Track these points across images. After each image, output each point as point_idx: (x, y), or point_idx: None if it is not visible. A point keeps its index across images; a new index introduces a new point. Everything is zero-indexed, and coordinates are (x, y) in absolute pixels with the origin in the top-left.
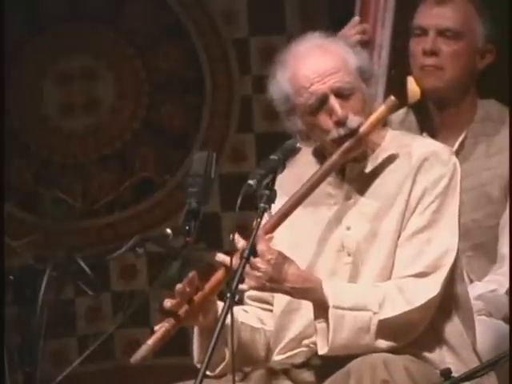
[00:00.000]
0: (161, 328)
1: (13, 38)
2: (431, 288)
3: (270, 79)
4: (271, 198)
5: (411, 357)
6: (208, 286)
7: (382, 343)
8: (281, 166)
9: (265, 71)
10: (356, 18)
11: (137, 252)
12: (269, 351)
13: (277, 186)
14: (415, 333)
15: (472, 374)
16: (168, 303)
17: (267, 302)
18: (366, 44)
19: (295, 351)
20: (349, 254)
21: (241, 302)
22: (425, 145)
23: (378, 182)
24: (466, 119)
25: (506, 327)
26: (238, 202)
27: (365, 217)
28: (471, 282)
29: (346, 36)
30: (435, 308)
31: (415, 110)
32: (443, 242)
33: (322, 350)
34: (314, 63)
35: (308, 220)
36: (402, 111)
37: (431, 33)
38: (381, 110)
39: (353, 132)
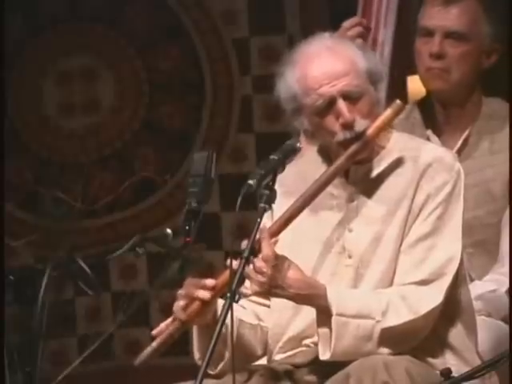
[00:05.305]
0: (164, 329)
1: (13, 38)
2: (434, 297)
3: (278, 77)
4: (271, 198)
5: (412, 358)
6: (216, 288)
7: (384, 351)
8: (281, 166)
9: (265, 71)
10: (354, 19)
11: (137, 252)
12: (266, 349)
13: (280, 183)
14: (417, 340)
15: (472, 374)
16: (179, 311)
17: (265, 297)
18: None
19: (295, 351)
20: (349, 257)
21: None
22: (430, 150)
23: (382, 185)
24: (471, 117)
25: (506, 327)
26: (238, 202)
27: (367, 220)
28: (471, 279)
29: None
30: (438, 315)
31: (420, 107)
32: (446, 250)
33: (324, 356)
34: (324, 65)
35: (310, 221)
36: (406, 108)
37: (437, 35)
38: (387, 113)
39: (359, 135)
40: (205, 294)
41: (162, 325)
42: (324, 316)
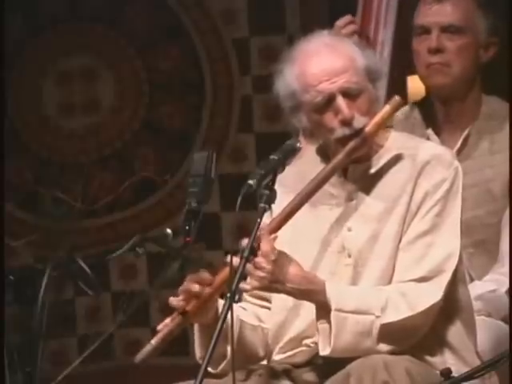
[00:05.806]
0: (164, 327)
1: (13, 38)
2: (434, 293)
3: (277, 75)
4: (271, 198)
5: (411, 358)
6: (215, 284)
7: (384, 347)
8: (281, 166)
9: (265, 71)
10: (347, 17)
11: (137, 252)
12: (267, 350)
13: (280, 184)
14: (417, 337)
15: (472, 374)
16: (174, 302)
17: (265, 299)
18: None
19: (295, 351)
20: (349, 256)
21: (240, 301)
22: (428, 148)
23: (380, 183)
24: (471, 115)
25: (506, 327)
26: (238, 202)
27: (366, 218)
28: (471, 279)
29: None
30: (437, 312)
31: (420, 106)
32: (445, 247)
33: (324, 352)
34: (323, 62)
35: (309, 220)
36: (406, 107)
37: (434, 31)
38: (385, 109)
39: (358, 132)
40: (195, 287)
41: (167, 320)
42: (323, 311)
